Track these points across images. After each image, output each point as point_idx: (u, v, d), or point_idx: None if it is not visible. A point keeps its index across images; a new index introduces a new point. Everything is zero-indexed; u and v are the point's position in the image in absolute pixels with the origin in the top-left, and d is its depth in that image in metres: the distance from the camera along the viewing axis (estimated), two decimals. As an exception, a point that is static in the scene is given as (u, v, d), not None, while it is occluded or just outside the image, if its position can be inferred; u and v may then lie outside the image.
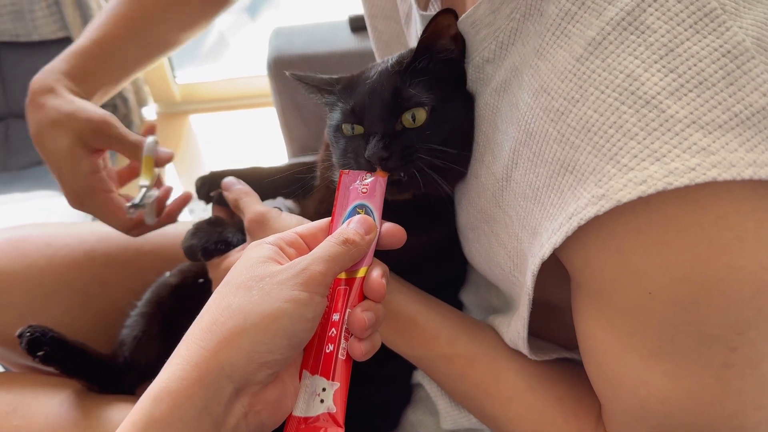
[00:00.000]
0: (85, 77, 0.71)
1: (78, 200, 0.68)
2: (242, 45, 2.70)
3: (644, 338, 0.40)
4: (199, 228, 0.62)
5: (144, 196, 0.69)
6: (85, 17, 2.03)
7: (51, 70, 0.70)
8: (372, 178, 0.49)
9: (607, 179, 0.37)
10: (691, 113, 0.35)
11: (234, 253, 0.59)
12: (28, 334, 0.63)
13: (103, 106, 0.70)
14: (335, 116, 0.55)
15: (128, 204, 0.68)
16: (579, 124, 0.39)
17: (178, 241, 0.63)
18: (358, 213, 0.47)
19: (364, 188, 0.48)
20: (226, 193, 0.62)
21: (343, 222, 0.46)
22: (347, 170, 0.50)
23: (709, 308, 0.37)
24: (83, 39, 0.72)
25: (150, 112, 2.39)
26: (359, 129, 0.53)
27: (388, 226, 0.47)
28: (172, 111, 2.41)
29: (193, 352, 0.38)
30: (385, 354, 0.47)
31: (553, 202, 0.41)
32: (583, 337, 0.45)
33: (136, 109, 2.25)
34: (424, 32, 0.51)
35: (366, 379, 0.51)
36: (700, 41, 0.36)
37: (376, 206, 0.48)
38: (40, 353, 0.63)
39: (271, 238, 0.44)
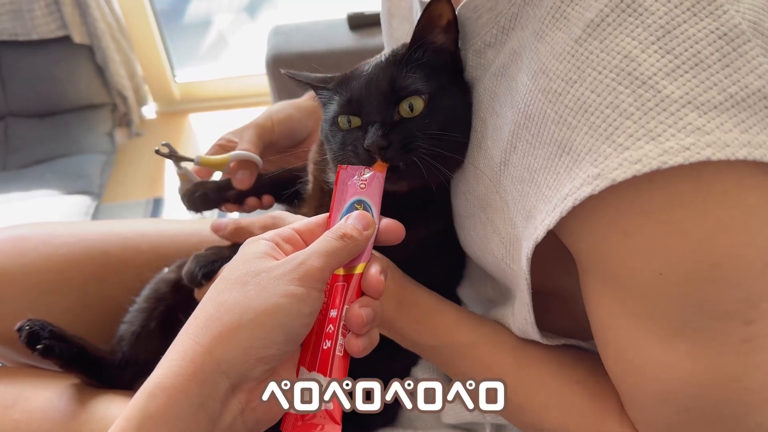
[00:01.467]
0: None
1: None
2: (241, 44, 2.70)
3: (661, 320, 0.40)
4: (198, 255, 0.61)
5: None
6: (84, 16, 2.03)
7: None
8: (370, 173, 0.49)
9: (603, 159, 0.37)
10: (687, 93, 0.35)
11: None
12: (28, 327, 0.64)
13: (103, 105, 0.70)
14: (331, 109, 0.55)
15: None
16: (576, 105, 0.39)
17: (176, 240, 0.62)
18: (357, 209, 0.47)
19: (362, 184, 0.48)
20: (221, 233, 0.61)
21: (341, 218, 0.46)
22: (345, 165, 0.50)
23: (721, 285, 0.37)
24: None
25: (149, 111, 2.39)
26: (356, 121, 0.52)
27: (386, 222, 0.46)
28: (171, 110, 2.41)
29: (189, 348, 0.37)
30: (382, 350, 0.47)
31: (549, 184, 0.41)
32: (599, 326, 0.45)
33: (136, 107, 2.25)
34: (418, 22, 0.51)
35: (363, 375, 0.51)
36: (697, 24, 0.36)
37: (374, 202, 0.47)
38: (39, 346, 0.63)
39: (267, 234, 0.44)
